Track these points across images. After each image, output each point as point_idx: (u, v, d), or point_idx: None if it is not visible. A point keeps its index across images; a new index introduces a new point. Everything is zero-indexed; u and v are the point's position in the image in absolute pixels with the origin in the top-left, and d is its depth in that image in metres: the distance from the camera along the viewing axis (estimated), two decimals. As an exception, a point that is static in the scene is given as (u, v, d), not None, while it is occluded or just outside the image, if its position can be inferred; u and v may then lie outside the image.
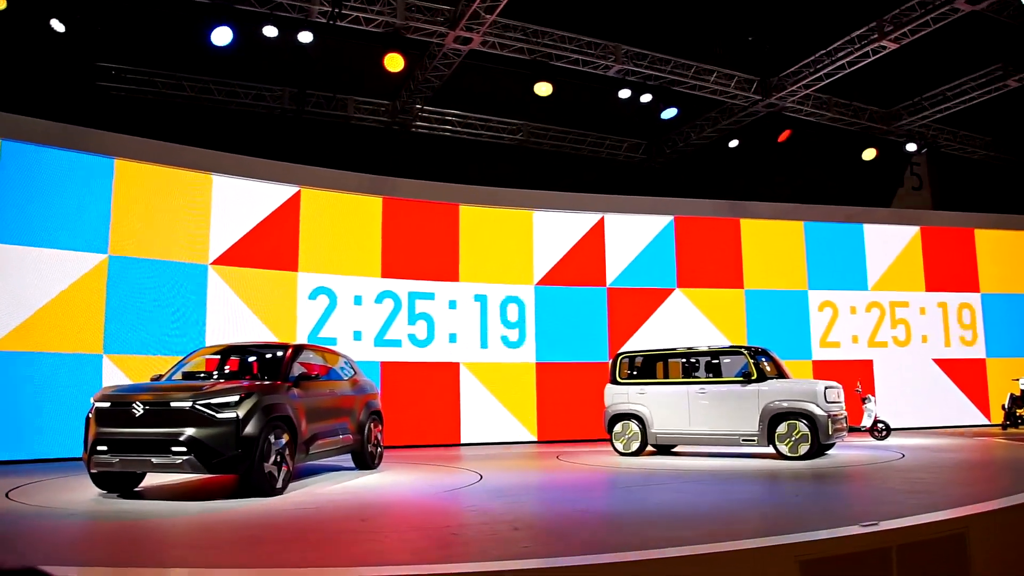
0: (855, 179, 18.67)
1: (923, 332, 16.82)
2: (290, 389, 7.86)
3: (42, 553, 5.10)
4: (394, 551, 5.05)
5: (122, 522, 6.23)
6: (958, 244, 17.37)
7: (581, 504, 7.19)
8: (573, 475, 9.46)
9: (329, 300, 13.66)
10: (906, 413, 15.95)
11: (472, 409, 14.32)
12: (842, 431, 10.66)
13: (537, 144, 17.62)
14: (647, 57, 14.62)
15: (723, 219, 16.21)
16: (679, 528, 5.55)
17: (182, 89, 14.45)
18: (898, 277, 16.92)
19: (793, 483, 8.30)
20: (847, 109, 16.78)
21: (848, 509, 6.49)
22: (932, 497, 6.82)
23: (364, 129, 16.22)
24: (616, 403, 11.71)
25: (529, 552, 4.84)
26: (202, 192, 12.74)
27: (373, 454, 9.82)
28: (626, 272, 15.57)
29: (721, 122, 16.84)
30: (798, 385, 10.67)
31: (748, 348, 11.09)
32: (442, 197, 14.75)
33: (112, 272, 11.75)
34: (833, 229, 16.75)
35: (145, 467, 7.08)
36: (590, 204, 15.71)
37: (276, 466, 7.33)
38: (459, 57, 13.84)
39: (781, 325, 16.00)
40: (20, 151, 11.23)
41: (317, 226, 13.74)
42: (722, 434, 10.80)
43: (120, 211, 11.95)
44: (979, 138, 18.80)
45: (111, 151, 11.97)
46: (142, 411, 6.99)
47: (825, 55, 14.38)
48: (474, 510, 6.65)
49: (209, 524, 6.06)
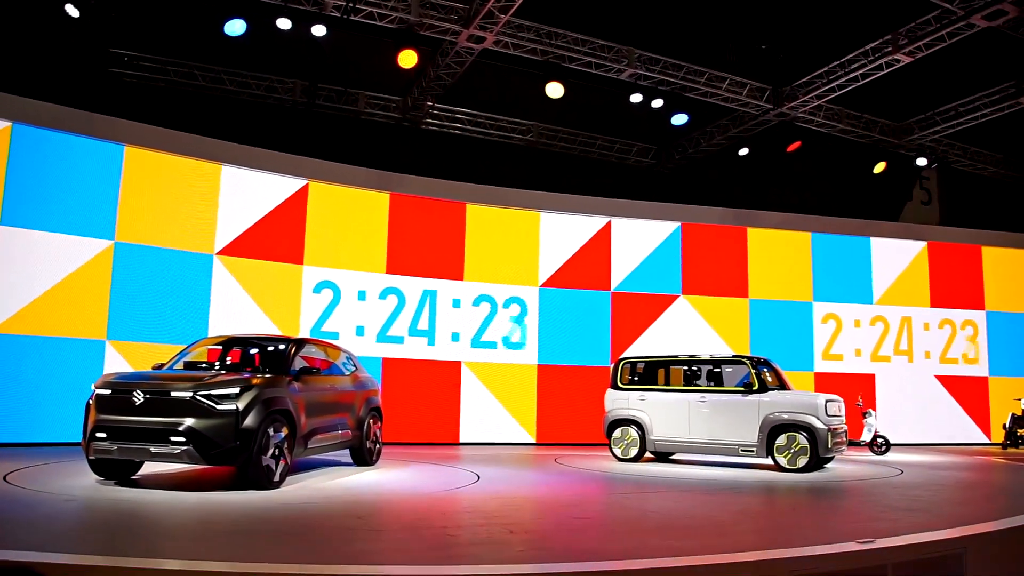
0: (864, 192, 18.61)
1: (926, 348, 16.77)
2: (291, 383, 7.86)
3: (37, 539, 5.11)
4: (388, 551, 5.04)
5: (119, 510, 6.23)
6: (964, 261, 17.31)
7: (577, 509, 7.18)
8: (570, 479, 9.45)
9: (333, 294, 13.67)
10: (906, 429, 15.92)
11: (472, 409, 14.32)
12: (842, 445, 10.63)
13: (546, 145, 17.61)
14: (660, 62, 14.59)
15: (730, 227, 16.17)
16: (674, 537, 5.54)
17: (194, 78, 14.46)
18: (903, 292, 16.86)
19: (790, 496, 8.27)
20: (859, 121, 16.73)
21: (845, 524, 6.46)
22: (930, 516, 6.79)
23: (374, 124, 16.22)
24: (616, 408, 11.70)
25: (523, 557, 4.83)
26: (210, 182, 12.75)
27: (372, 450, 9.82)
28: (631, 277, 15.55)
29: (732, 130, 16.80)
30: (799, 397, 10.64)
31: (750, 358, 11.07)
32: (449, 195, 14.74)
33: (118, 258, 11.77)
34: (840, 241, 16.71)
35: (143, 456, 7.09)
36: (597, 207, 15.69)
37: (274, 459, 7.33)
38: (472, 56, 13.84)
39: (784, 336, 15.96)
40: (30, 135, 11.24)
41: (324, 220, 13.74)
42: (721, 443, 10.78)
43: (128, 198, 11.96)
44: (990, 155, 18.73)
45: (121, 138, 11.98)
46: (142, 399, 7.00)
47: (838, 66, 14.34)
48: (471, 511, 6.64)
49: (205, 515, 6.06)
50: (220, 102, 14.74)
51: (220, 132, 13.19)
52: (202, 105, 14.54)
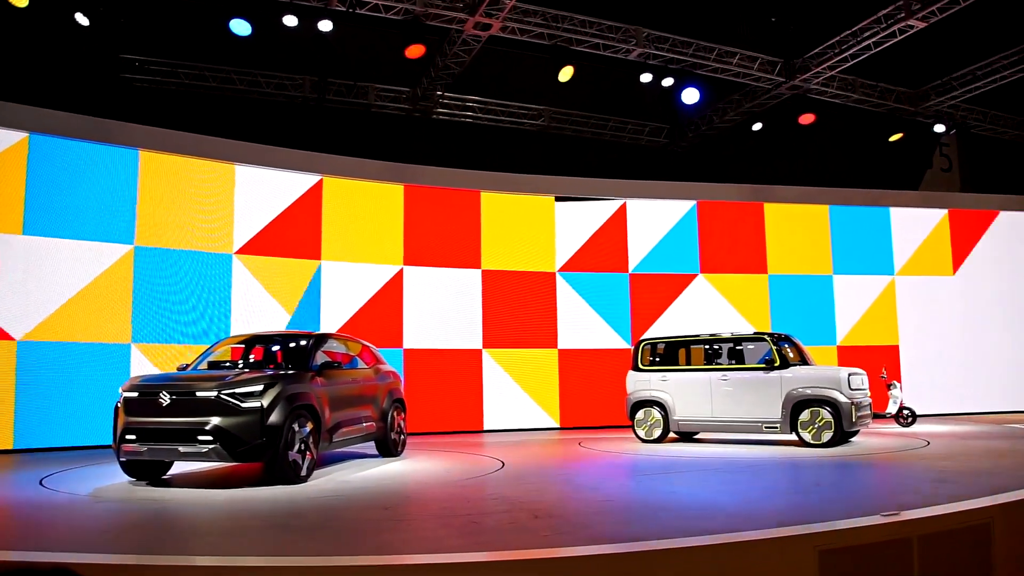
0: (882, 162, 18.37)
1: (950, 317, 16.55)
2: (313, 378, 7.96)
3: (74, 540, 5.24)
4: (415, 540, 5.11)
5: (151, 510, 6.37)
6: (985, 226, 17.02)
7: (602, 492, 7.22)
8: (594, 463, 9.49)
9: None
10: (934, 399, 15.76)
11: (495, 396, 14.39)
12: (866, 418, 10.57)
13: (558, 129, 17.54)
14: (668, 40, 14.46)
15: (747, 203, 16.04)
16: (699, 518, 5.56)
17: (204, 79, 14.56)
18: (925, 261, 16.64)
19: (815, 471, 8.26)
20: (873, 90, 16.48)
21: (870, 498, 6.45)
22: (956, 486, 6.75)
23: (385, 116, 16.25)
24: (638, 390, 11.70)
25: (549, 541, 4.88)
26: (225, 182, 12.85)
27: (396, 441, 9.91)
28: (648, 258, 15.49)
29: (744, 105, 16.64)
30: (821, 372, 10.58)
31: (771, 334, 11.02)
32: (463, 184, 14.75)
33: (138, 262, 11.92)
34: (859, 213, 16.50)
35: (173, 456, 7.23)
36: (612, 189, 15.63)
37: (300, 454, 7.44)
38: (479, 43, 13.80)
39: (805, 311, 15.84)
40: (47, 144, 11.39)
41: (339, 214, 13.81)
42: (744, 421, 10.76)
43: (145, 202, 12.10)
44: (1010, 118, 18.39)
45: (136, 143, 12.11)
46: (169, 401, 7.12)
47: (850, 35, 14.12)
48: (495, 498, 6.70)
49: (235, 512, 6.17)
50: (231, 102, 14.84)
51: (233, 132, 13.28)
52: (214, 106, 14.65)
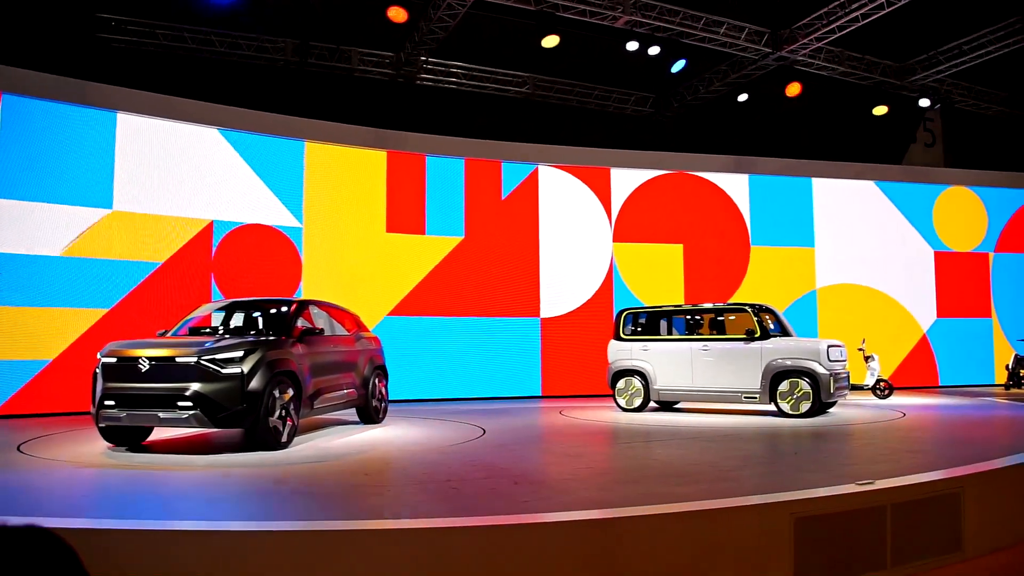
0: (866, 135, 18.39)
1: (928, 291, 16.74)
2: (295, 344, 7.92)
3: (53, 506, 5.22)
4: (395, 506, 5.14)
5: (131, 475, 6.35)
6: (970, 203, 17.17)
7: (582, 460, 7.28)
8: (575, 431, 9.57)
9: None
10: (909, 372, 15.99)
11: (478, 363, 14.41)
12: (844, 390, 10.72)
13: (543, 97, 17.39)
14: (656, 8, 14.30)
15: (731, 175, 16.03)
16: (679, 484, 5.63)
17: (183, 41, 14.24)
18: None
19: (792, 441, 8.38)
20: (860, 63, 16.44)
21: (845, 467, 6.56)
22: (929, 456, 6.88)
23: (368, 81, 16.00)
24: (619, 359, 11.77)
25: (529, 507, 4.92)
26: (205, 146, 12.64)
27: (378, 408, 9.92)
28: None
29: (731, 75, 16.54)
30: (801, 344, 10.69)
31: (752, 305, 11.09)
32: (447, 151, 14.61)
33: (116, 227, 11.74)
34: (842, 185, 16.55)
35: (152, 422, 7.20)
36: (597, 158, 15.56)
37: (281, 420, 7.43)
38: (464, 7, 13.57)
39: (787, 282, 15.93)
40: (21, 104, 11.13)
41: (322, 180, 13.65)
42: (724, 391, 10.87)
43: (123, 166, 11.88)
44: (995, 93, 18.44)
45: (113, 104, 11.86)
46: (148, 366, 7.07)
47: (838, 7, 14.04)
48: (476, 465, 6.75)
49: (216, 477, 6.18)
50: (211, 64, 14.53)
51: (213, 95, 13.02)
52: (193, 68, 14.34)
